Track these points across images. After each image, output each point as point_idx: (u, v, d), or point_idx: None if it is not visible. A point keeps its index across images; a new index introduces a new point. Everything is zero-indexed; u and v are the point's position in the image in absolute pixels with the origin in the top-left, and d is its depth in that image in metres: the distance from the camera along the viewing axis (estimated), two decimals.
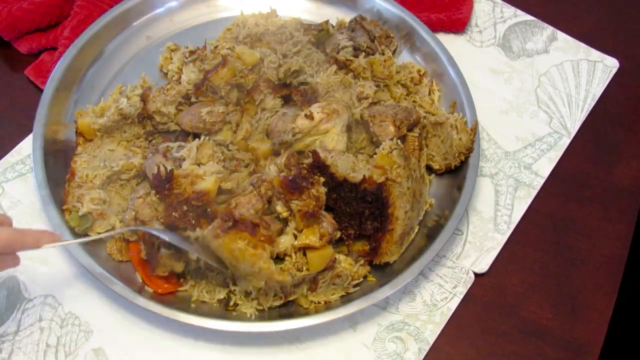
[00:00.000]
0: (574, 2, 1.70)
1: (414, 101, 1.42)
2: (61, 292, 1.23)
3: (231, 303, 1.18)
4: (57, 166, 1.29)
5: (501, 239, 1.32)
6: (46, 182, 1.25)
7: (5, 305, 1.21)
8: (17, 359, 1.16)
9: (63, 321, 1.20)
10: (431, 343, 1.20)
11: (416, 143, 1.32)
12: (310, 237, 1.15)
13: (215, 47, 1.40)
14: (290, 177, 1.16)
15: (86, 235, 1.22)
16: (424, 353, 1.19)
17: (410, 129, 1.31)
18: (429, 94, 1.44)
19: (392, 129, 1.27)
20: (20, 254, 1.25)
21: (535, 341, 1.22)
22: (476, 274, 1.28)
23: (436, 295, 1.25)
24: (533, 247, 1.33)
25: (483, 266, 1.29)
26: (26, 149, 1.39)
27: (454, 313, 1.24)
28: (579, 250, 1.33)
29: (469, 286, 1.26)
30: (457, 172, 1.33)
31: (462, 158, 1.31)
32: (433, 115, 1.38)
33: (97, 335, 1.18)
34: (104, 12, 1.49)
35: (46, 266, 1.25)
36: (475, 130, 1.31)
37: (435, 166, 1.34)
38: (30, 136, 1.35)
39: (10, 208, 1.31)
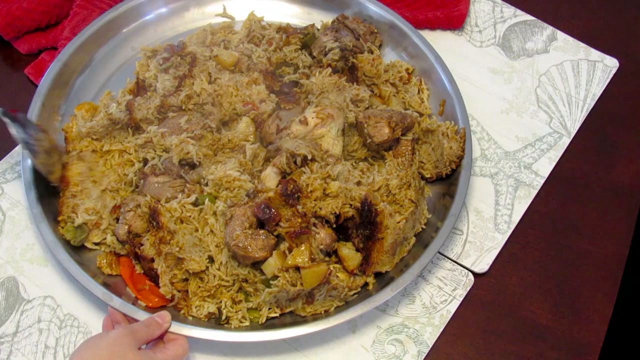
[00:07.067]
0: (574, 2, 1.69)
1: (402, 98, 1.42)
2: (60, 294, 1.23)
3: (223, 317, 1.16)
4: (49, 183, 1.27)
5: (501, 239, 1.32)
6: (38, 201, 1.22)
7: (4, 306, 1.21)
8: None
9: (62, 322, 1.20)
10: (430, 346, 1.20)
11: (409, 147, 1.31)
12: (298, 259, 1.11)
13: (185, 46, 1.37)
14: (262, 206, 1.14)
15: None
16: (423, 356, 1.19)
17: (404, 133, 1.30)
18: (418, 92, 1.44)
19: (386, 130, 1.26)
20: (20, 254, 1.26)
21: (535, 341, 1.22)
22: (476, 274, 1.28)
23: (435, 298, 1.25)
24: (533, 247, 1.33)
25: (483, 266, 1.29)
26: None
27: (454, 312, 1.24)
28: (579, 250, 1.33)
29: (468, 289, 1.26)
30: (450, 174, 1.32)
31: (453, 166, 1.30)
32: (422, 115, 1.38)
33: None
34: (104, 12, 1.49)
35: (45, 267, 1.25)
36: (464, 138, 1.30)
37: (427, 174, 1.33)
38: None
39: (9, 209, 1.31)
